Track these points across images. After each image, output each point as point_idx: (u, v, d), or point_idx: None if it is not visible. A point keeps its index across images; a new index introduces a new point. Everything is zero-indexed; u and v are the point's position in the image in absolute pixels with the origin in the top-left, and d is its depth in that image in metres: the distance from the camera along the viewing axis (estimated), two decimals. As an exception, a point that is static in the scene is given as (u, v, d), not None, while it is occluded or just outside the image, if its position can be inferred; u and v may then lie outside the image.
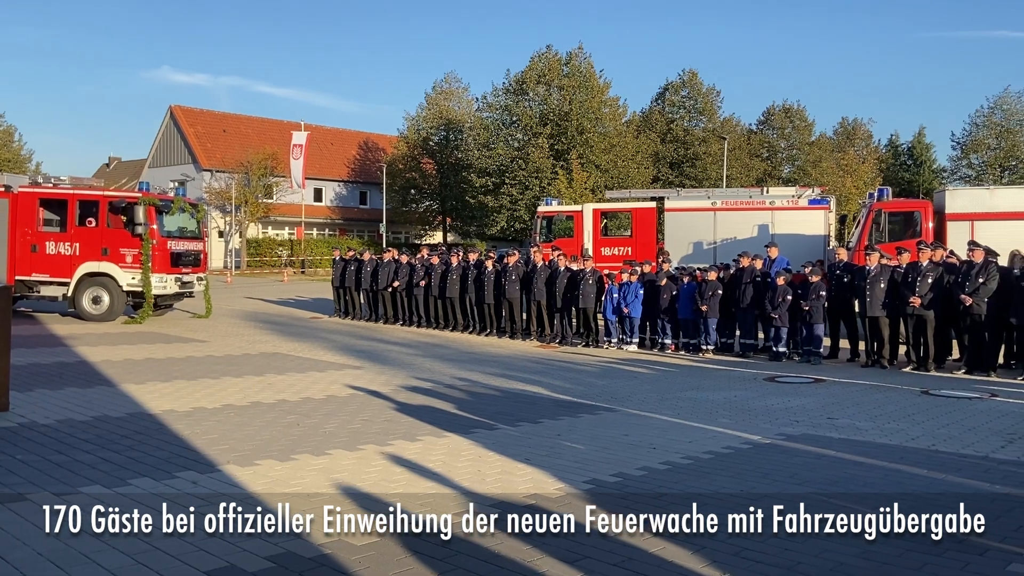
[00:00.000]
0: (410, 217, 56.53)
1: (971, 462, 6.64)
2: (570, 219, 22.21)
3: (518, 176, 45.66)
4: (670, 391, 10.39)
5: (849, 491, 5.75)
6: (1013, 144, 51.38)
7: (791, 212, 19.10)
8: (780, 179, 51.99)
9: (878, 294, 12.42)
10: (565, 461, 6.64)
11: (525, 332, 16.52)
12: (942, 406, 9.26)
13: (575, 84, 46.95)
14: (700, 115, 53.37)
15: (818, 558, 4.47)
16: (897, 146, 59.49)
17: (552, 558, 4.46)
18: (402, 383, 10.89)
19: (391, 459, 6.71)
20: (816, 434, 7.75)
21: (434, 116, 54.99)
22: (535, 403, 9.51)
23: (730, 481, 6.03)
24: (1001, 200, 16.81)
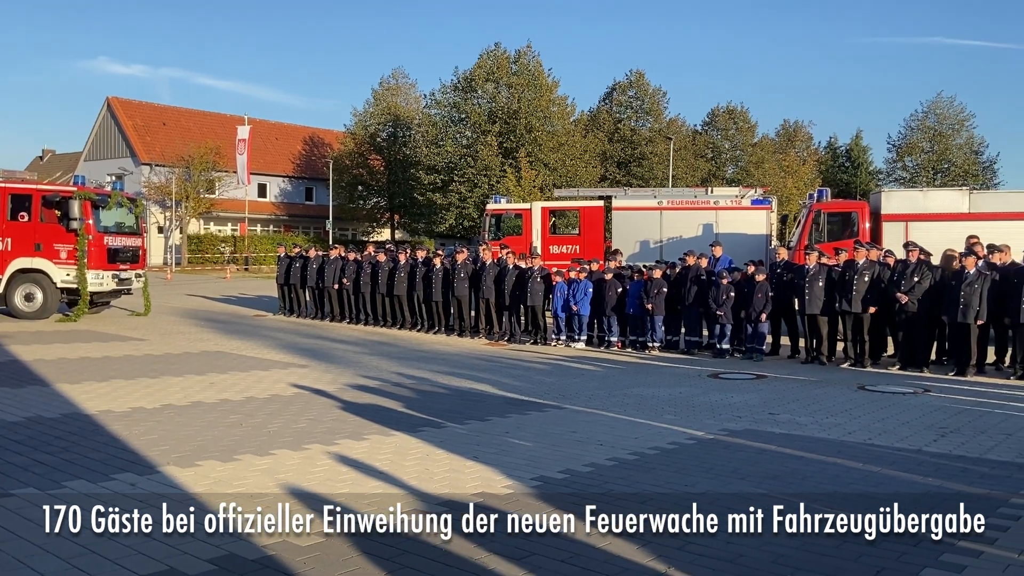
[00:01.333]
0: (357, 214, 55.91)
1: (905, 455, 6.86)
2: (519, 217, 22.26)
3: (467, 174, 45.57)
4: (617, 388, 10.50)
5: (788, 487, 5.89)
6: (945, 148, 53.24)
7: (735, 212, 19.48)
8: (724, 179, 52.94)
9: (817, 293, 12.74)
10: (513, 458, 6.65)
11: (474, 330, 16.50)
12: (878, 401, 9.55)
13: (524, 82, 47.05)
14: (647, 115, 53.99)
15: (760, 551, 4.56)
16: (836, 148, 61.12)
17: (500, 556, 4.46)
18: (349, 382, 10.77)
19: (337, 459, 6.63)
20: (758, 429, 7.92)
21: (382, 112, 54.48)
22: (484, 401, 9.51)
23: (675, 476, 6.12)
24: (934, 202, 17.43)
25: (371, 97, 55.35)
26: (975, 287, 11.32)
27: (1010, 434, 7.62)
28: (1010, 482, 5.96)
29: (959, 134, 53.85)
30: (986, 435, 7.58)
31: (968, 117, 54.02)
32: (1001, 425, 8.06)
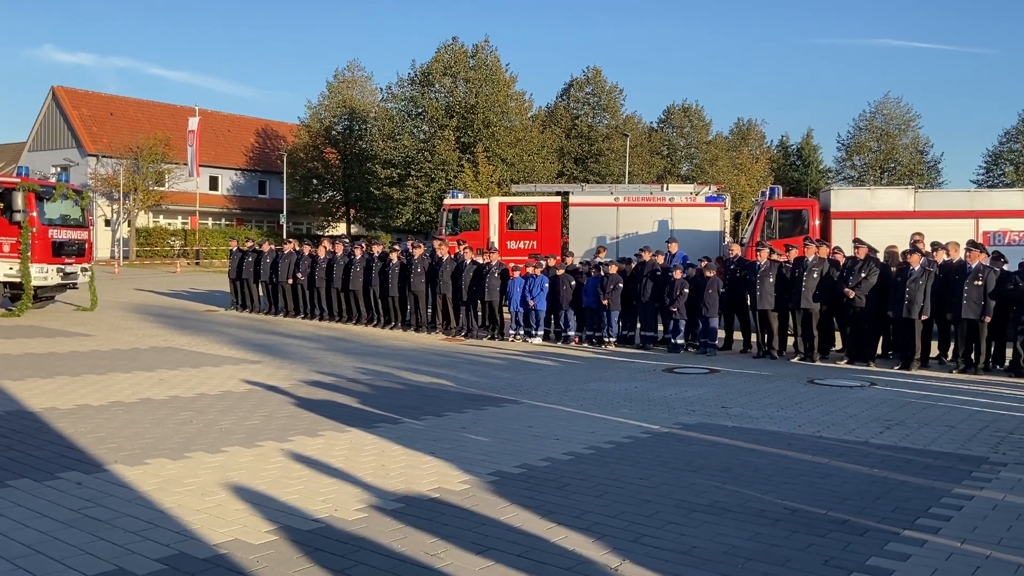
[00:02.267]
0: (312, 208, 55.23)
1: (852, 447, 7.03)
2: (476, 212, 22.23)
3: (424, 168, 45.34)
4: (574, 383, 10.56)
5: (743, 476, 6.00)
6: (892, 147, 54.65)
7: (689, 209, 19.73)
8: (679, 176, 53.56)
9: (768, 289, 12.98)
10: (470, 454, 6.65)
11: (430, 325, 16.44)
12: (826, 395, 9.77)
13: (481, 77, 46.95)
14: (604, 112, 54.34)
15: (712, 542, 4.64)
16: (787, 147, 62.29)
17: (457, 549, 4.46)
18: (303, 377, 10.65)
19: (291, 456, 6.56)
20: (711, 423, 8.04)
21: (337, 105, 53.86)
22: (440, 396, 9.49)
23: (630, 470, 6.18)
24: (881, 200, 17.87)
25: (326, 90, 54.74)
26: (919, 283, 11.64)
27: (952, 426, 7.86)
28: (952, 473, 6.15)
29: (905, 134, 55.33)
30: (929, 427, 7.81)
31: (914, 118, 55.57)
32: (944, 417, 8.31)
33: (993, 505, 5.33)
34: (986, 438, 7.32)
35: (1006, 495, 5.55)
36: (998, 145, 52.57)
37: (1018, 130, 51.04)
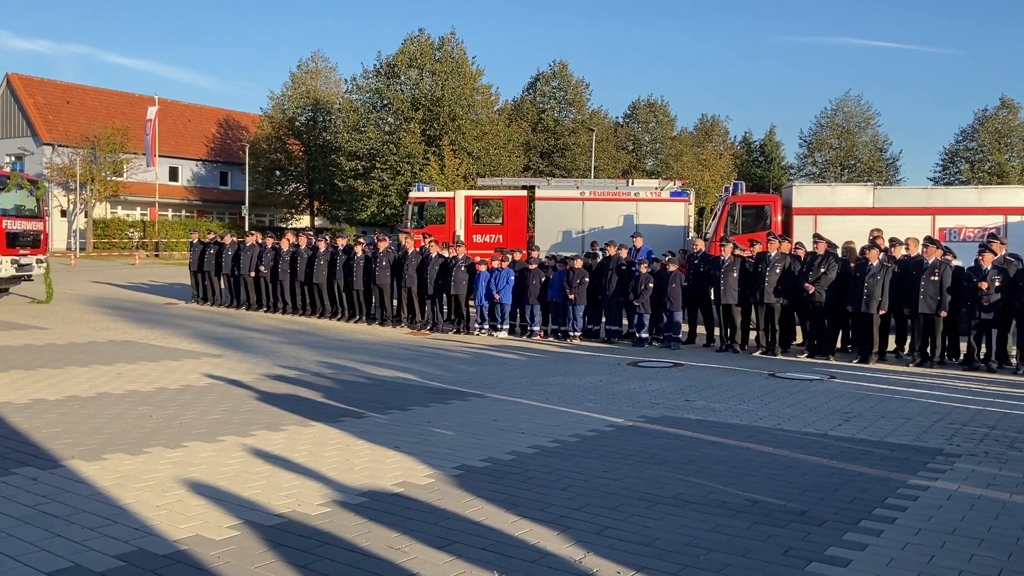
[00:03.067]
0: (275, 200, 54.52)
1: (812, 439, 7.16)
2: (442, 205, 22.14)
3: (389, 161, 45.00)
4: (539, 376, 10.59)
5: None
6: (852, 144, 55.60)
7: (654, 203, 19.85)
8: (644, 171, 53.91)
9: (731, 283, 13.14)
10: (435, 448, 6.63)
11: (396, 319, 16.36)
12: (787, 388, 9.92)
13: (447, 70, 46.71)
14: (570, 106, 54.45)
15: (675, 533, 4.69)
16: (751, 143, 63.00)
17: (421, 544, 4.45)
18: (265, 371, 10.53)
19: (253, 451, 6.48)
20: (674, 416, 8.12)
21: (300, 96, 53.17)
22: (405, 390, 9.45)
23: (595, 463, 6.22)
24: (841, 196, 18.17)
25: (289, 80, 54.01)
26: (877, 279, 11.87)
27: (908, 418, 8.03)
28: (908, 464, 6.29)
29: (865, 132, 56.34)
30: (887, 419, 7.98)
31: (873, 116, 56.61)
32: (900, 410, 8.49)
33: (947, 496, 5.46)
34: (941, 430, 7.49)
35: (960, 486, 5.69)
36: (954, 143, 53.79)
37: (974, 128, 52.25)
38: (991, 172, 49.09)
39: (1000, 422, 7.86)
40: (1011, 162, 49.83)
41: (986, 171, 49.75)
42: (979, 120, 52.15)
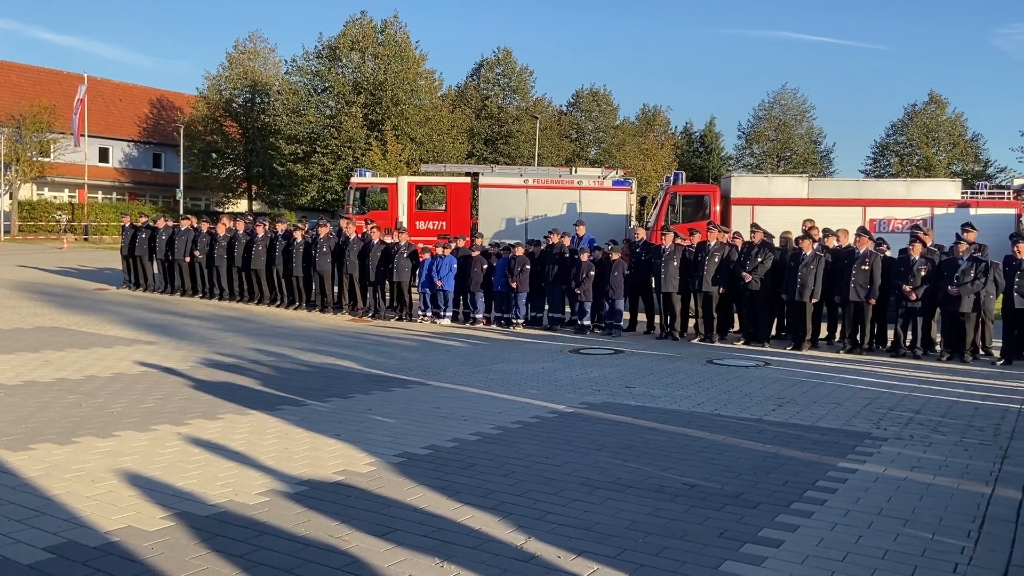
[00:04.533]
0: (211, 183, 53.08)
1: (747, 424, 7.34)
2: (384, 191, 21.91)
3: (330, 145, 44.27)
4: (482, 364, 10.59)
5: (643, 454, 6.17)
6: (788, 137, 56.92)
7: (597, 192, 20.01)
8: (587, 160, 54.25)
9: (672, 272, 13.35)
10: (377, 436, 6.59)
11: (336, 306, 16.16)
12: (724, 374, 10.15)
13: (390, 53, 46.11)
14: (514, 93, 54.36)
15: (614, 518, 4.76)
16: (691, 133, 63.91)
17: (362, 532, 4.42)
18: (201, 359, 10.29)
19: (188, 440, 6.33)
20: (615, 402, 8.23)
21: (238, 76, 51.78)
22: (346, 378, 9.35)
23: (537, 449, 6.26)
24: (777, 187, 18.62)
25: (225, 60, 52.52)
26: (811, 268, 12.21)
27: (839, 403, 8.30)
28: (838, 448, 6.50)
29: (800, 124, 57.71)
30: (818, 404, 8.23)
31: (809, 109, 58.03)
32: (831, 395, 8.77)
33: (875, 478, 5.67)
34: (869, 415, 7.76)
35: (886, 468, 5.91)
36: (885, 137, 55.49)
37: (903, 123, 54.00)
38: (919, 166, 50.85)
39: (924, 407, 8.19)
40: (938, 156, 51.69)
41: (914, 164, 51.51)
42: (908, 115, 53.92)
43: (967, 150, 52.16)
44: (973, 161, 51.68)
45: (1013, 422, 7.50)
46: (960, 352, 11.43)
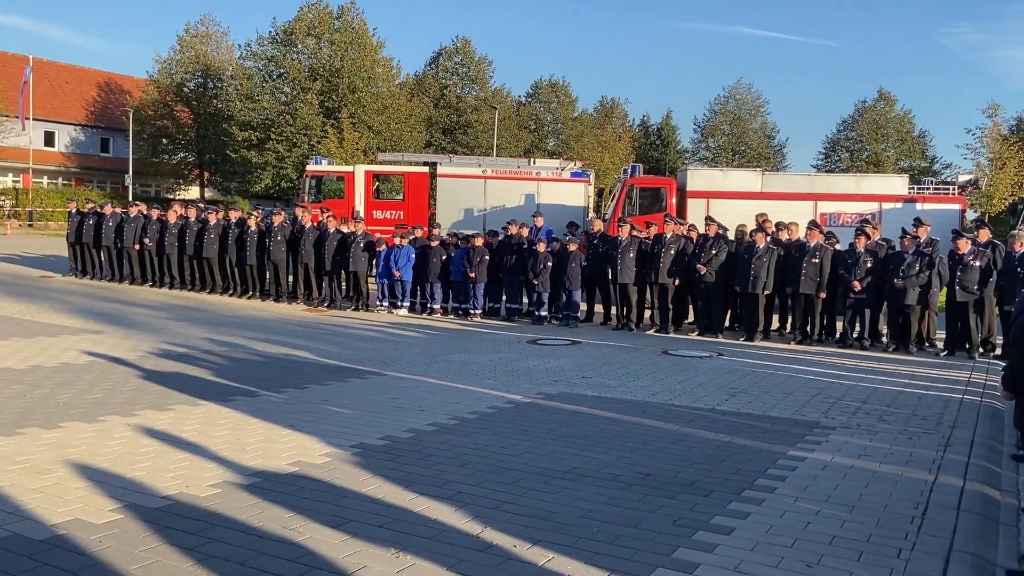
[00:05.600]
0: (161, 169, 51.82)
1: (701, 414, 7.45)
2: (341, 180, 21.68)
3: (285, 132, 43.58)
4: (439, 354, 10.57)
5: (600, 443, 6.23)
6: (743, 131, 57.72)
7: (555, 183, 20.08)
8: (546, 151, 54.29)
9: (628, 263, 13.46)
10: (332, 426, 6.53)
11: (291, 295, 15.95)
12: (678, 364, 10.28)
13: (347, 40, 45.51)
14: (472, 83, 54.12)
15: (570, 507, 4.80)
16: (648, 126, 64.42)
17: (317, 523, 4.38)
18: (151, 348, 10.08)
19: (137, 430, 6.21)
20: (572, 392, 8.28)
21: (189, 60, 50.58)
22: (301, 368, 9.24)
23: (493, 439, 6.28)
24: (732, 181, 18.90)
25: (176, 44, 51.26)
26: (763, 260, 12.42)
27: (789, 393, 8.48)
28: (788, 436, 6.64)
29: (755, 119, 58.56)
30: (769, 394, 8.39)
31: (763, 103, 58.89)
32: (782, 385, 8.95)
33: (823, 466, 5.81)
34: (818, 404, 7.95)
35: (834, 456, 6.06)
36: (836, 132, 56.63)
37: (854, 119, 55.16)
38: (868, 161, 52.03)
39: (871, 396, 8.41)
40: (887, 152, 52.95)
41: (864, 160, 52.68)
42: (859, 111, 55.08)
43: (914, 146, 53.51)
44: (920, 157, 53.04)
45: (955, 411, 7.74)
46: (905, 343, 11.75)
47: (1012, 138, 43.71)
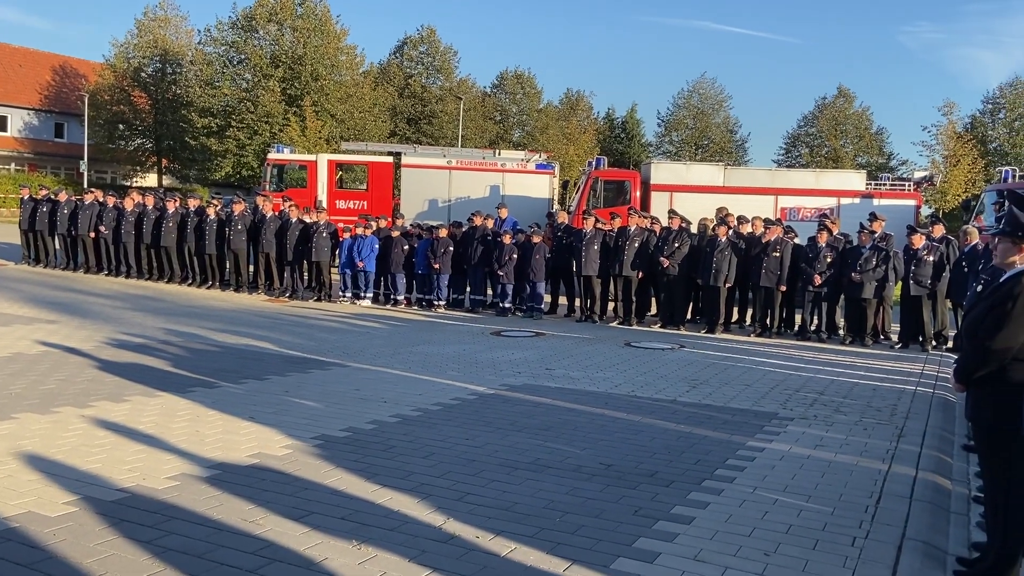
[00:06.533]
0: (118, 156, 50.64)
1: (662, 405, 7.53)
2: (303, 169, 21.42)
3: (246, 119, 42.87)
4: (402, 345, 10.52)
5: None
6: (706, 125, 58.20)
7: (520, 175, 20.08)
8: (511, 143, 54.19)
9: (592, 255, 13.52)
10: (293, 418, 6.47)
11: (252, 285, 15.73)
12: (641, 356, 10.37)
13: (310, 27, 44.88)
14: (438, 73, 53.76)
15: (533, 497, 4.81)
16: (613, 119, 64.64)
17: (277, 515, 4.34)
18: (106, 338, 9.87)
19: (93, 422, 6.08)
20: (535, 384, 8.31)
21: (147, 45, 49.44)
22: (261, 359, 9.13)
23: (456, 431, 6.27)
24: (695, 175, 19.09)
25: (134, 27, 50.09)
26: (725, 254, 12.57)
27: (748, 384, 8.60)
28: (748, 427, 6.74)
29: (718, 113, 59.08)
30: (729, 386, 8.51)
31: (726, 98, 59.41)
32: (742, 377, 9.08)
33: (781, 456, 5.91)
34: (777, 396, 8.08)
35: (791, 447, 6.17)
36: (797, 128, 57.38)
37: (814, 115, 55.96)
38: (827, 157, 52.83)
39: (828, 388, 8.57)
40: (845, 148, 53.83)
41: (823, 155, 53.49)
42: (819, 107, 55.87)
43: (872, 143, 54.48)
44: (877, 154, 54.02)
45: (908, 403, 7.93)
46: (861, 336, 11.99)
47: (966, 136, 44.75)
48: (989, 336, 3.84)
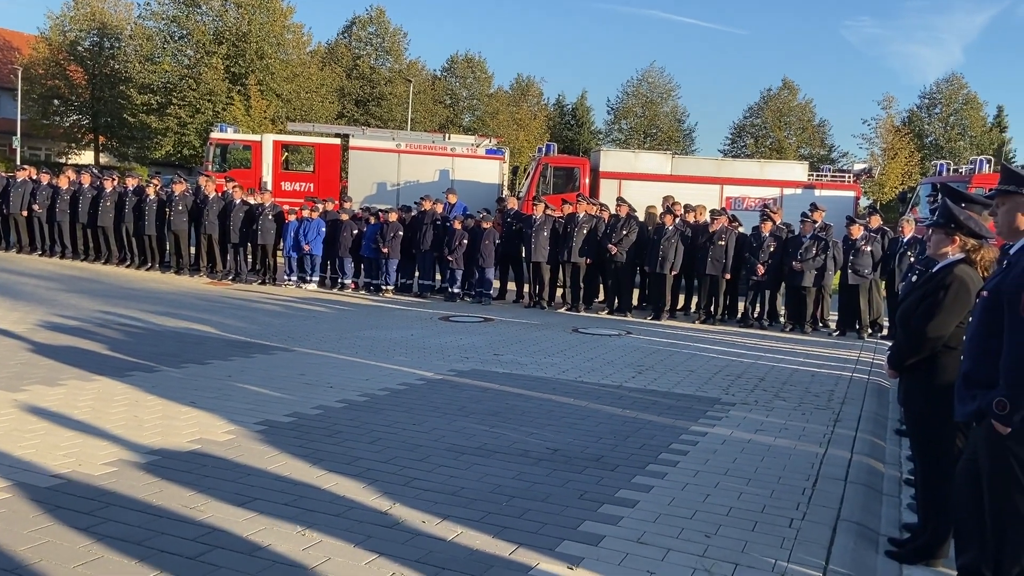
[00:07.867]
0: (52, 132, 48.75)
1: (608, 390, 7.62)
2: (248, 149, 20.95)
3: (188, 97, 41.70)
4: (349, 330, 10.41)
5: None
6: (655, 114, 58.74)
7: (470, 160, 20.00)
8: (461, 127, 53.88)
9: (542, 242, 13.57)
10: (236, 403, 6.36)
11: (193, 267, 15.37)
12: (588, 342, 10.46)
13: (255, 3, 43.79)
14: (387, 54, 53.07)
15: (479, 482, 4.83)
16: (563, 106, 64.72)
17: (219, 501, 4.27)
18: (40, 321, 9.55)
19: (25, 407, 5.88)
20: (483, 369, 8.32)
21: (84, 17, 47.61)
22: (203, 343, 8.94)
23: (403, 416, 6.24)
24: (643, 163, 19.29)
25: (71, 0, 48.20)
26: (672, 242, 12.74)
27: (692, 370, 8.76)
28: (691, 412, 6.87)
29: (666, 102, 59.67)
30: (674, 372, 8.65)
31: (674, 88, 60.00)
32: (686, 363, 9.24)
33: (722, 440, 6.04)
34: (719, 381, 8.24)
35: (733, 431, 6.31)
36: (742, 119, 58.36)
37: (759, 106, 56.96)
38: (772, 147, 53.88)
39: (768, 374, 8.78)
40: (789, 139, 54.96)
41: (767, 146, 54.52)
42: (764, 99, 56.89)
43: (814, 135, 55.71)
44: (819, 145, 55.28)
45: (845, 388, 8.18)
46: (801, 324, 12.30)
47: (903, 130, 46.12)
48: (922, 324, 3.98)
